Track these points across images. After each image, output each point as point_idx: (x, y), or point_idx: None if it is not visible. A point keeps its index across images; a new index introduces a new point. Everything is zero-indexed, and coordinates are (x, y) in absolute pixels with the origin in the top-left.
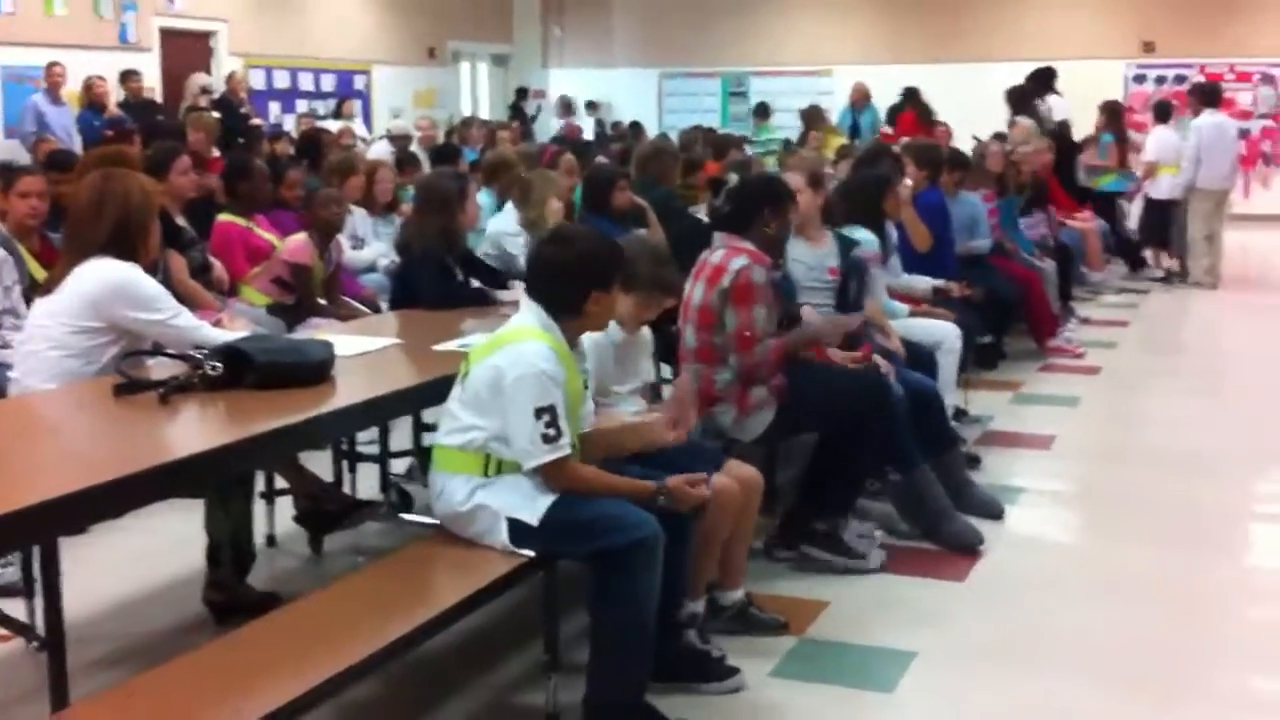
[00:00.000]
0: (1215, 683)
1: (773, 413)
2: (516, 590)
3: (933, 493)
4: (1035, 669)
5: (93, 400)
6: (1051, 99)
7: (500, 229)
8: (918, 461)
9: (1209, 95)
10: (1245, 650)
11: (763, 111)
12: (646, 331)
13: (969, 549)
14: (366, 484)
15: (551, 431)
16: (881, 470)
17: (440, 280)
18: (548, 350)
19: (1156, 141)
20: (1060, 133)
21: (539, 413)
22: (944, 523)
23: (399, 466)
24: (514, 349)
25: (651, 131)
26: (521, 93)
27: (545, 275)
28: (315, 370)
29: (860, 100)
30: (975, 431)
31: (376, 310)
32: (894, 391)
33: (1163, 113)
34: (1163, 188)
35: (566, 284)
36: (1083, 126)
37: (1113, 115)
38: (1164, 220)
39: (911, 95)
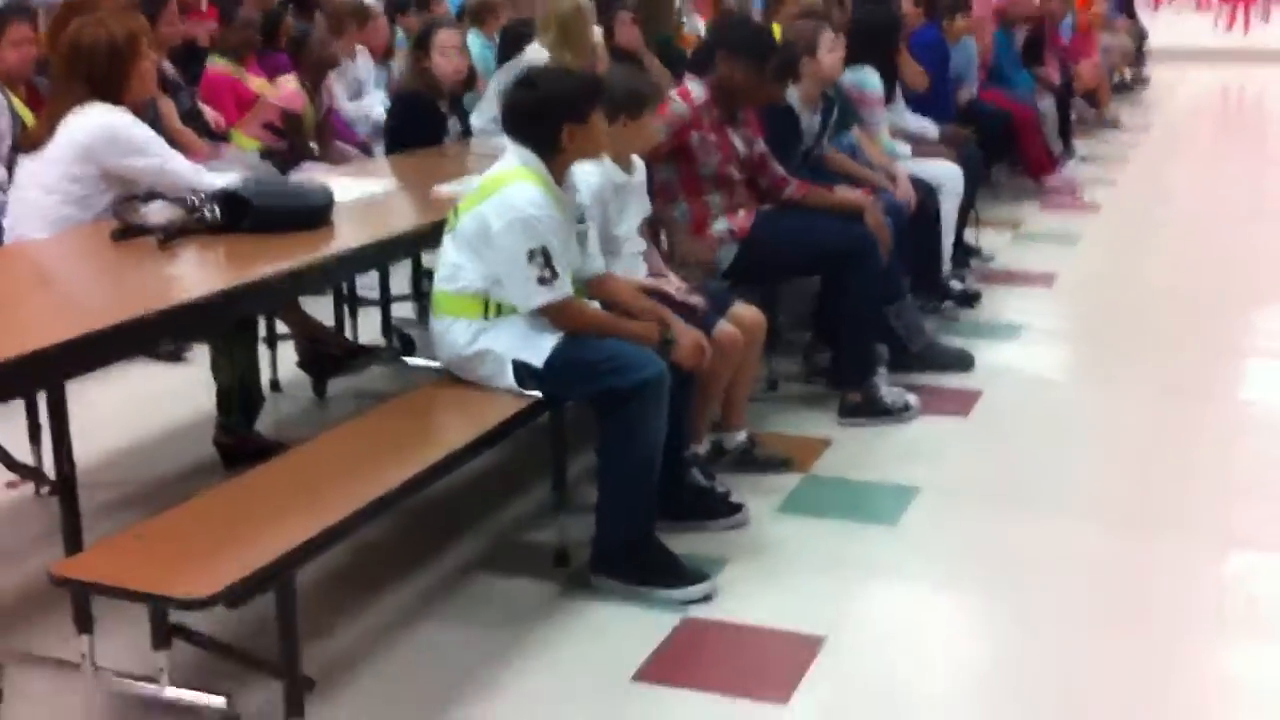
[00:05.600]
0: (1208, 517)
1: (734, 249)
2: (524, 431)
3: (919, 322)
4: (1035, 504)
5: (90, 247)
6: None
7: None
8: (904, 292)
9: None
10: (1239, 485)
11: None
12: (641, 168)
13: (965, 366)
14: (368, 329)
15: (546, 273)
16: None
17: (431, 124)
18: (535, 192)
19: None
20: None
21: (531, 255)
22: (935, 348)
23: (400, 310)
24: (500, 195)
25: None
26: None
27: (517, 118)
28: (314, 214)
29: None
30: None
31: (370, 155)
32: (875, 245)
33: None
34: None
35: (538, 123)
36: None
37: None
38: None
39: None
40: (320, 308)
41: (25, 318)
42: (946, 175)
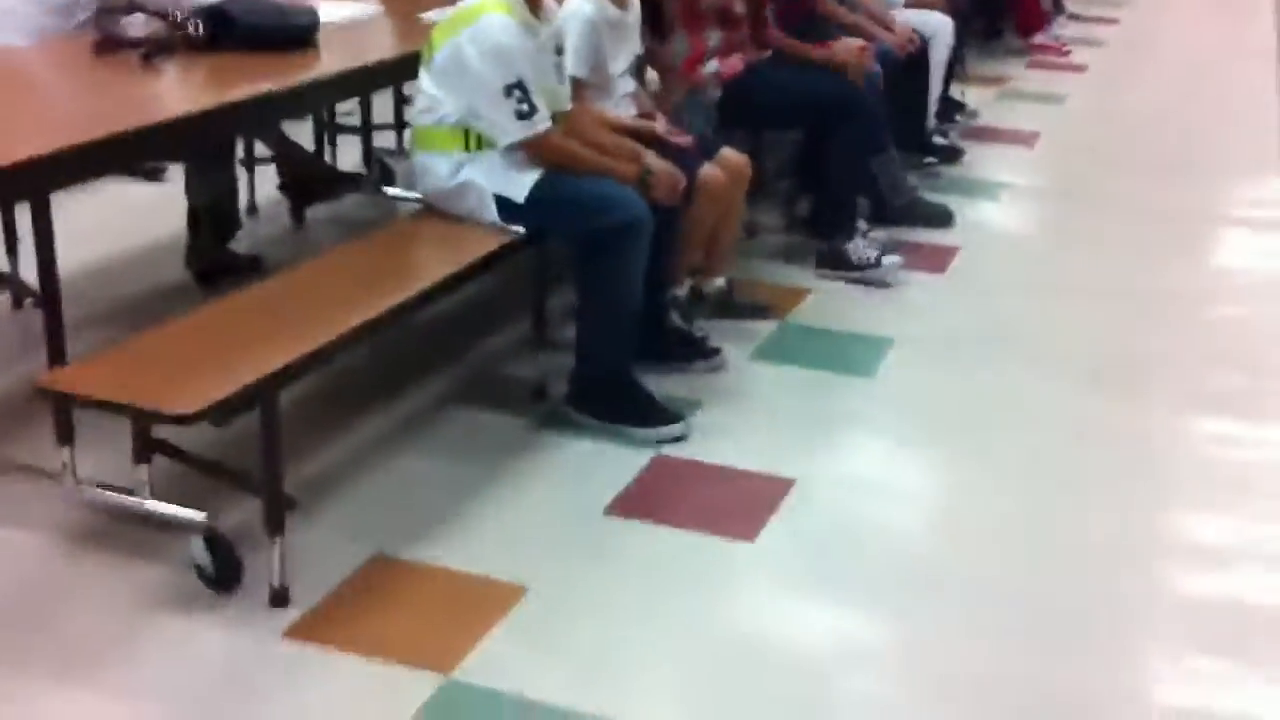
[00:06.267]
0: (1177, 377)
1: (718, 92)
2: (504, 266)
3: (903, 177)
4: (1009, 361)
5: (72, 58)
6: None
7: None
8: (888, 145)
9: None
10: (1209, 348)
11: None
12: (636, 6)
13: (945, 222)
14: (348, 157)
15: (524, 107)
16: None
17: None
18: (508, 21)
19: None
20: None
21: (508, 90)
22: (916, 203)
23: (380, 139)
24: (474, 25)
25: None
26: None
27: None
28: (299, 34)
29: None
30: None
31: None
32: (863, 99)
33: None
34: None
35: None
36: None
37: None
38: None
39: None
40: (301, 134)
41: (5, 127)
42: (938, 25)
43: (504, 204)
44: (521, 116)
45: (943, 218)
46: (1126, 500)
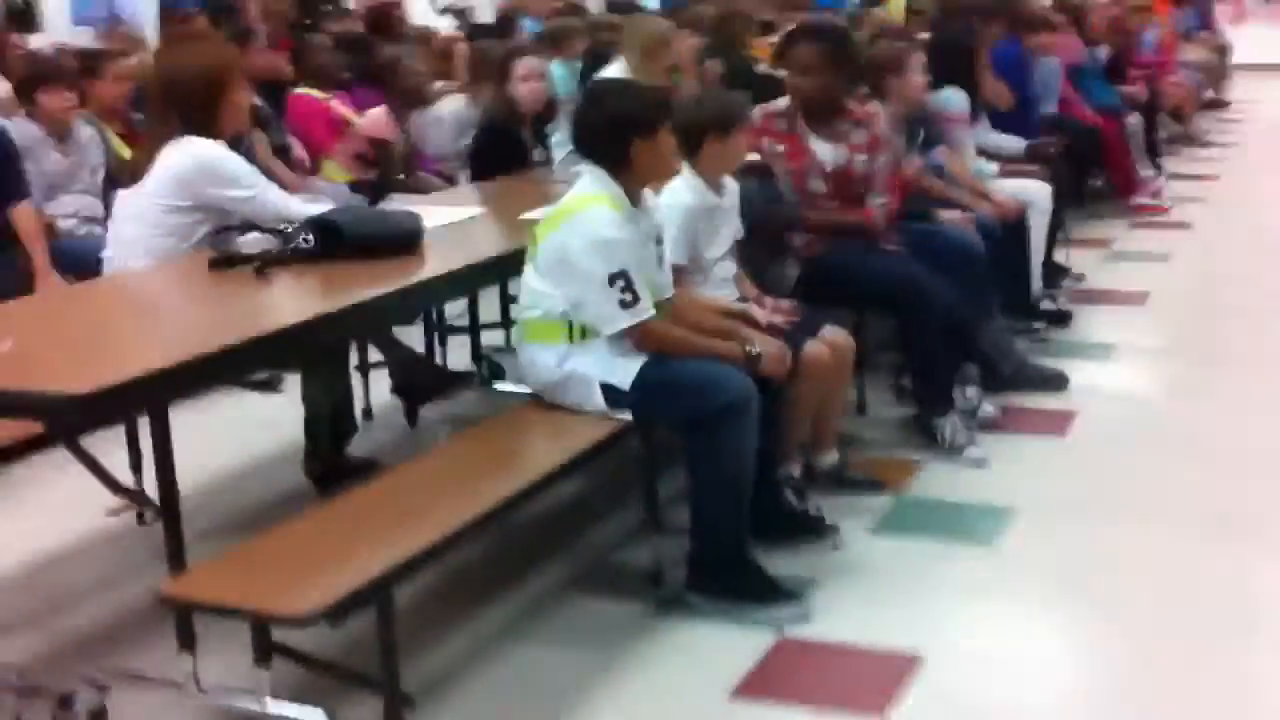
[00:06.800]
0: None
1: (795, 268)
2: (616, 451)
3: (1010, 343)
4: (1133, 524)
5: (188, 276)
6: None
7: None
8: (994, 313)
9: None
10: None
11: None
12: (734, 187)
13: (1059, 386)
14: (457, 356)
15: (628, 297)
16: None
17: (514, 151)
18: (612, 215)
19: None
20: None
21: (612, 280)
22: (1026, 369)
23: (488, 337)
24: (577, 219)
25: None
26: None
27: (585, 134)
28: (405, 240)
29: None
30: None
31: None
32: (934, 295)
33: None
34: None
35: (606, 138)
36: None
37: None
38: None
39: None
40: (411, 336)
41: (127, 344)
42: (1035, 193)
43: (610, 392)
44: (625, 305)
45: (1055, 382)
46: (1273, 662)
